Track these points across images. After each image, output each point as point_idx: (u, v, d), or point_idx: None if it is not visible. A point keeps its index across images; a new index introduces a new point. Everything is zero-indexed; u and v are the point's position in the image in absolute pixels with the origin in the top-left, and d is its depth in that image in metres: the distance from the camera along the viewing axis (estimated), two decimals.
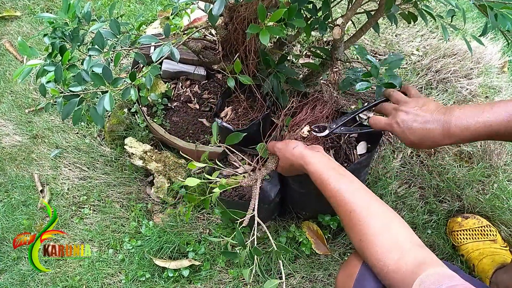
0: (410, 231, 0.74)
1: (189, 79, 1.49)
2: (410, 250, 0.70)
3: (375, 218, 0.76)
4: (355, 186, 0.82)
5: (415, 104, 0.90)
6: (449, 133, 0.83)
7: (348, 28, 1.74)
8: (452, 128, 0.82)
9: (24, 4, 2.12)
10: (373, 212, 0.77)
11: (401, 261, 0.68)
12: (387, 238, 0.72)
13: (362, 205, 0.78)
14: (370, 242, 0.73)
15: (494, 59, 1.72)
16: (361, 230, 0.75)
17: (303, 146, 0.94)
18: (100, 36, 0.92)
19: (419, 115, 0.87)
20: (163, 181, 1.44)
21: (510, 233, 1.33)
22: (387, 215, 0.76)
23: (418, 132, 0.87)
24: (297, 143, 0.95)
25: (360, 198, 0.79)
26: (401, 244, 0.71)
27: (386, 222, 0.75)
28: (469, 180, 1.43)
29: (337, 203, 0.81)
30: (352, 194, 0.80)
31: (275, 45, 1.32)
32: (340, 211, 0.81)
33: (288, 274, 1.33)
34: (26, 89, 1.81)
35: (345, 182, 0.83)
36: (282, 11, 0.81)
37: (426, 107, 0.88)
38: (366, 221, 0.75)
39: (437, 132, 0.84)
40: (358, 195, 0.80)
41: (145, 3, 2.00)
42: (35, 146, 1.67)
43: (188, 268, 1.33)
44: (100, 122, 0.91)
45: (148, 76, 0.91)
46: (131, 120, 1.55)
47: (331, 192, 0.82)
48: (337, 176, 0.84)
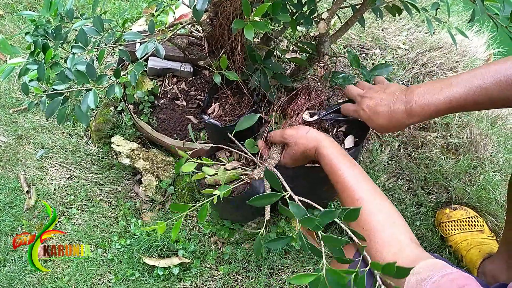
0: (409, 229, 0.76)
1: (176, 76, 1.48)
2: (408, 246, 0.72)
3: (380, 210, 0.77)
4: (363, 176, 0.84)
5: (378, 89, 0.92)
6: (411, 112, 0.85)
7: (335, 23, 1.74)
8: (414, 107, 0.84)
9: (6, 2, 2.09)
10: (379, 205, 0.78)
11: (398, 254, 0.70)
12: (389, 232, 0.74)
13: (368, 196, 0.79)
14: (373, 233, 0.75)
15: (480, 52, 1.73)
16: (365, 219, 0.77)
17: (315, 131, 0.94)
18: (83, 33, 0.91)
19: (383, 99, 0.89)
20: (151, 179, 1.43)
21: (497, 223, 1.35)
22: (391, 210, 0.78)
23: (383, 115, 0.89)
24: (309, 128, 0.95)
25: (367, 189, 0.81)
26: (401, 239, 0.73)
27: (389, 216, 0.77)
28: (456, 172, 1.44)
29: (344, 189, 0.82)
30: (360, 183, 0.82)
31: (261, 40, 1.32)
32: (346, 198, 0.82)
33: (279, 269, 1.33)
34: (9, 89, 1.78)
35: (354, 170, 0.84)
36: (266, 5, 0.81)
37: (389, 90, 0.90)
38: (372, 212, 0.77)
39: (400, 112, 0.86)
40: (366, 185, 0.82)
41: (130, 0, 1.97)
42: (20, 147, 1.64)
43: (178, 266, 1.32)
44: (85, 120, 0.90)
45: (133, 73, 0.90)
46: (118, 119, 1.54)
47: (340, 178, 0.83)
48: (347, 164, 0.85)
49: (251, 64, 1.19)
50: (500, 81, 0.77)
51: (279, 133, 1.00)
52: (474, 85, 0.79)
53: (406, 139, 1.51)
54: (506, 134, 1.55)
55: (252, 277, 1.32)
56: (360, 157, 1.45)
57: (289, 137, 0.97)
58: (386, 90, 0.90)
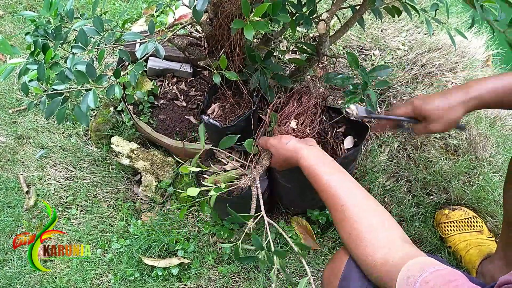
0: (400, 229, 0.75)
1: (176, 76, 1.48)
2: (399, 246, 0.71)
3: (367, 214, 0.76)
4: (347, 181, 0.82)
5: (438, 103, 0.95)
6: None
7: (334, 24, 1.74)
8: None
9: (6, 3, 2.09)
10: (365, 208, 0.77)
11: (388, 255, 0.69)
12: (377, 235, 0.73)
13: (354, 201, 0.78)
14: (361, 238, 0.73)
15: (479, 53, 1.74)
16: (351, 225, 0.75)
17: (296, 140, 0.95)
18: (83, 33, 0.91)
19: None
20: (151, 179, 1.43)
21: (496, 223, 1.35)
22: (378, 212, 0.77)
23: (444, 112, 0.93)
24: (290, 138, 0.95)
25: (352, 193, 0.80)
26: (391, 240, 0.72)
27: (377, 219, 0.75)
28: (455, 172, 1.44)
29: (328, 197, 0.81)
30: (344, 189, 0.80)
31: (261, 41, 1.32)
32: (331, 205, 0.81)
33: (278, 269, 1.33)
34: (9, 89, 1.78)
35: (337, 176, 0.83)
36: (266, 6, 0.81)
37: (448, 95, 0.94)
38: (358, 217, 0.75)
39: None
40: (350, 190, 0.80)
41: (130, 0, 1.98)
42: (20, 147, 1.64)
43: (177, 266, 1.32)
44: (85, 121, 0.90)
45: (132, 73, 0.90)
46: (117, 119, 1.54)
47: (323, 186, 0.82)
48: (329, 170, 0.84)
49: (250, 65, 1.19)
50: None
51: (264, 140, 1.02)
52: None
53: (405, 140, 1.52)
54: (505, 134, 1.55)
55: (251, 278, 1.32)
56: (359, 157, 1.46)
57: (271, 146, 0.99)
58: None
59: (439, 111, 0.92)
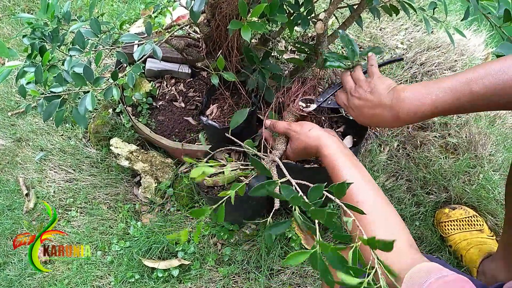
0: (409, 234, 0.75)
1: (174, 77, 1.48)
2: (407, 252, 0.71)
3: (379, 215, 0.76)
4: (365, 177, 0.83)
5: (367, 87, 0.91)
6: (398, 119, 0.85)
7: (332, 23, 1.74)
8: (401, 115, 0.84)
9: (4, 5, 2.09)
10: (378, 208, 0.77)
11: (396, 261, 0.69)
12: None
13: (368, 198, 0.78)
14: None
15: (478, 51, 1.73)
16: (363, 225, 0.75)
17: (318, 128, 0.94)
18: (80, 35, 0.91)
19: (368, 100, 0.89)
20: (150, 181, 1.43)
21: (496, 222, 1.35)
22: (390, 215, 0.77)
23: (369, 117, 0.90)
24: (312, 125, 0.95)
25: (368, 191, 0.80)
26: (399, 245, 0.71)
27: (389, 222, 0.75)
28: (455, 171, 1.44)
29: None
30: (361, 185, 0.80)
31: (259, 41, 1.32)
32: (345, 199, 0.81)
33: (278, 270, 1.33)
34: (8, 92, 1.78)
35: (356, 171, 0.83)
36: (263, 6, 0.81)
37: (376, 90, 0.89)
38: (370, 216, 0.75)
39: (386, 117, 0.87)
40: (367, 187, 0.80)
41: (128, 2, 1.97)
42: (19, 150, 1.64)
43: (177, 268, 1.32)
44: (83, 123, 0.90)
45: (130, 74, 0.90)
46: (116, 121, 1.54)
47: (342, 179, 0.82)
48: (349, 163, 0.84)
49: (249, 65, 1.19)
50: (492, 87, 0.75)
51: (284, 125, 1.00)
52: (461, 91, 0.78)
53: (405, 139, 1.51)
54: (505, 133, 1.55)
55: (252, 278, 1.31)
56: (359, 157, 1.45)
57: (293, 131, 0.97)
58: (373, 90, 0.89)
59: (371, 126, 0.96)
